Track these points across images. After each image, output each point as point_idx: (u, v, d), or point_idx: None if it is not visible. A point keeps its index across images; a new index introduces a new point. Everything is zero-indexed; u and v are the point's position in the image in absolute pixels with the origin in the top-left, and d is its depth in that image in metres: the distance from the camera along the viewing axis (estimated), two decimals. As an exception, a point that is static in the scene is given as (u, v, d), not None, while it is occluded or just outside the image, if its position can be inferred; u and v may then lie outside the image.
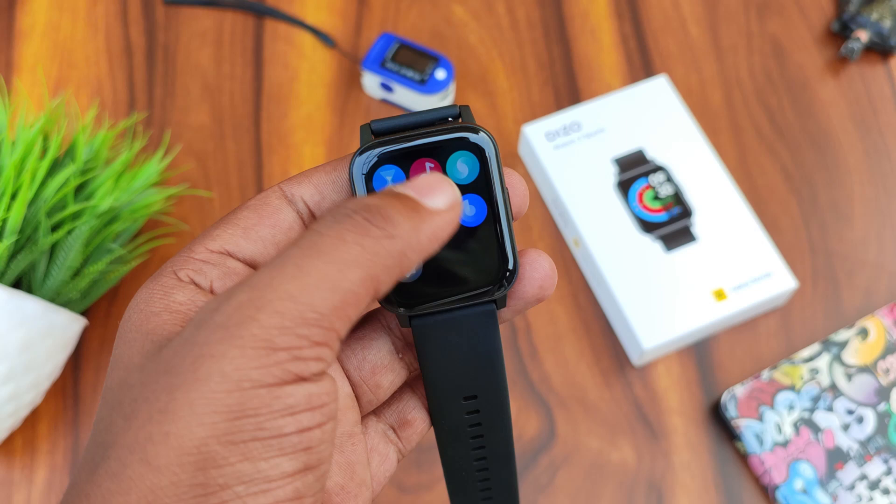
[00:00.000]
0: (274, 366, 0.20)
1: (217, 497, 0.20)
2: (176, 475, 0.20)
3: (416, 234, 0.22)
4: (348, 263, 0.21)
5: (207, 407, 0.20)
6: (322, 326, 0.20)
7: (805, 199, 0.60)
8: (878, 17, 0.64)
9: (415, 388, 0.28)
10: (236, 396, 0.20)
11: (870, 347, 0.54)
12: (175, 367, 0.20)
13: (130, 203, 0.52)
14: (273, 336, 0.20)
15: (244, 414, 0.20)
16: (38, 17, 0.66)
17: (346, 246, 0.21)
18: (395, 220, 0.22)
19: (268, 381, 0.20)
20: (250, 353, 0.20)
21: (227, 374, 0.20)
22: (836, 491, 0.50)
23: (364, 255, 0.21)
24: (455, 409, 0.27)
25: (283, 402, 0.20)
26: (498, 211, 0.25)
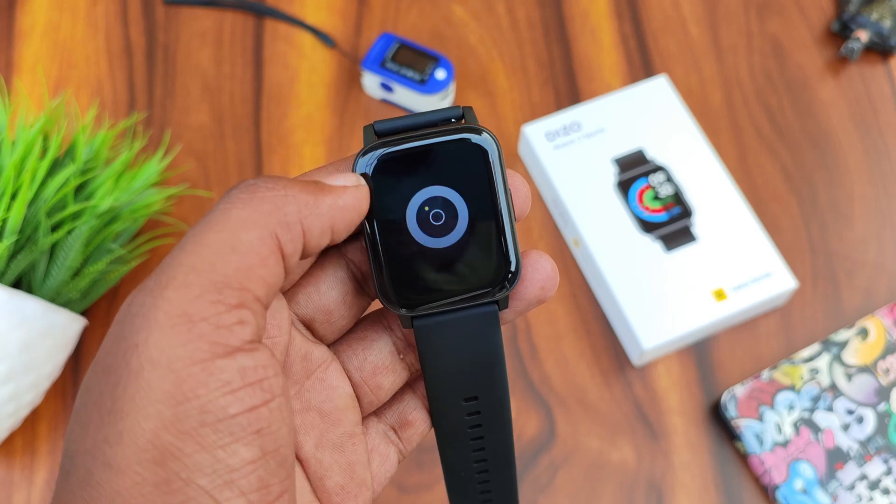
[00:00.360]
0: (197, 339, 0.20)
1: (183, 493, 0.20)
2: (138, 474, 0.19)
3: (314, 199, 0.22)
4: (240, 225, 0.21)
5: (147, 397, 0.19)
6: (233, 287, 0.20)
7: (805, 199, 0.60)
8: (878, 17, 0.64)
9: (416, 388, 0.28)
10: (171, 379, 0.20)
11: (870, 347, 0.54)
12: (110, 366, 0.20)
13: (130, 203, 0.52)
14: (186, 308, 0.20)
15: (184, 397, 0.20)
16: (38, 17, 0.66)
17: (236, 210, 0.21)
18: (288, 184, 0.22)
19: (197, 357, 0.20)
20: (170, 332, 0.20)
21: (155, 360, 0.20)
22: (836, 491, 0.50)
23: (255, 213, 0.21)
24: (456, 411, 0.27)
25: (219, 379, 0.20)
26: (500, 212, 0.25)
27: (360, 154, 0.25)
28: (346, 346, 0.27)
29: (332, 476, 0.26)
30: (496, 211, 0.25)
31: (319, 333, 0.26)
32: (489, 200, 0.25)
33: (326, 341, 0.27)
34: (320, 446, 0.26)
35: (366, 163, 0.25)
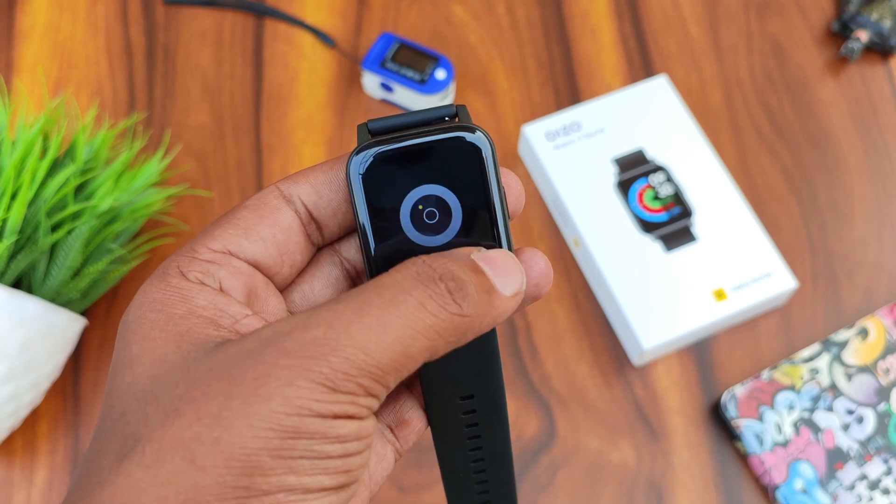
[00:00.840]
0: (333, 404, 0.21)
1: (258, 500, 0.21)
2: (221, 476, 0.20)
3: (481, 318, 0.23)
4: (421, 332, 0.22)
5: (265, 423, 0.20)
6: (380, 382, 0.22)
7: (805, 199, 0.60)
8: (878, 17, 0.64)
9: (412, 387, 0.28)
10: (294, 420, 0.21)
11: (870, 347, 0.54)
12: (233, 377, 0.21)
13: (130, 203, 0.52)
14: (339, 379, 0.21)
15: (299, 435, 0.21)
16: (38, 17, 0.66)
17: (424, 314, 0.22)
18: (471, 299, 0.23)
19: (325, 414, 0.21)
20: (315, 388, 0.21)
21: (289, 399, 0.21)
22: (836, 491, 0.50)
23: (435, 327, 0.22)
24: (452, 409, 0.27)
25: (336, 432, 0.21)
26: (494, 210, 0.25)
27: (353, 152, 0.25)
28: None
29: None
30: (490, 209, 0.25)
31: None
32: (483, 199, 0.25)
33: None
34: None
35: (359, 161, 0.25)
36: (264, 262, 0.25)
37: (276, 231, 0.25)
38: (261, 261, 0.25)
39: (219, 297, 0.24)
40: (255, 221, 0.25)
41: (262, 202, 0.25)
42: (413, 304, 0.22)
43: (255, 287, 0.25)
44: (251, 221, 0.25)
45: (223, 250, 0.24)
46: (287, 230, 0.25)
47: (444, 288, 0.23)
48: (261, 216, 0.25)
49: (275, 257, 0.25)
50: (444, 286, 0.23)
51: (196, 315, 0.23)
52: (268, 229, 0.25)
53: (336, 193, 0.25)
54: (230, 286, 0.24)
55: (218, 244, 0.24)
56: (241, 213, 0.25)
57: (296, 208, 0.25)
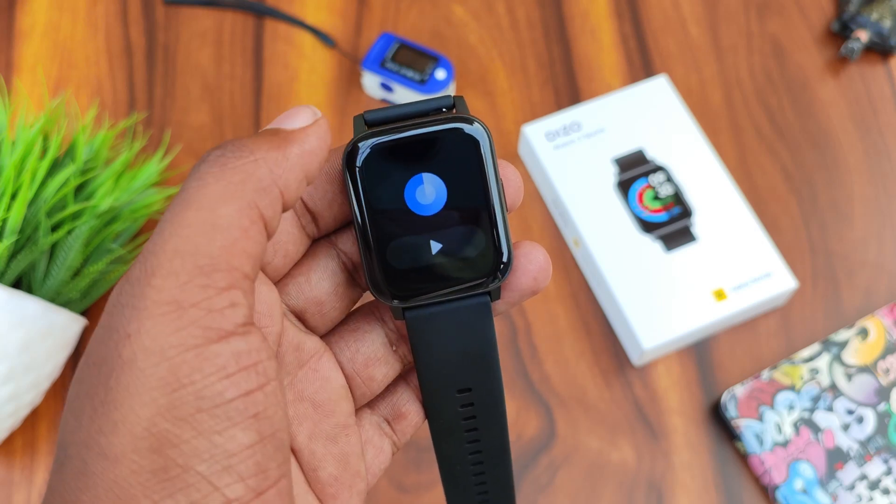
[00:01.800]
0: (189, 325, 0.20)
1: (181, 480, 0.19)
2: (135, 462, 0.19)
3: (282, 153, 0.22)
4: (217, 200, 0.21)
5: (142, 386, 0.19)
6: (220, 269, 0.20)
7: (805, 199, 0.60)
8: (878, 17, 0.64)
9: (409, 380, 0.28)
10: (165, 367, 0.19)
11: (870, 347, 0.54)
12: (103, 357, 0.20)
13: (130, 203, 0.52)
14: (175, 295, 0.20)
15: (179, 384, 0.19)
16: (38, 17, 0.66)
17: (209, 186, 0.21)
18: (254, 146, 0.22)
19: (190, 343, 0.20)
20: (162, 320, 0.20)
21: (148, 348, 0.19)
22: (836, 491, 0.50)
23: (229, 186, 0.21)
24: (449, 403, 0.27)
25: (213, 364, 0.20)
26: (492, 202, 0.25)
27: (350, 144, 0.25)
28: (339, 337, 0.27)
29: (326, 467, 0.26)
30: (488, 201, 0.25)
31: (311, 324, 0.26)
32: (481, 191, 0.25)
33: (318, 332, 0.27)
34: (314, 437, 0.26)
35: (356, 153, 0.24)
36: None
37: None
38: None
39: None
40: None
41: None
42: (193, 190, 0.21)
43: None
44: None
45: None
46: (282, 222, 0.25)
47: (215, 156, 0.21)
48: None
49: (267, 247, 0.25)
50: (215, 154, 0.21)
51: None
52: None
53: (332, 184, 0.25)
54: None
55: None
56: None
57: None
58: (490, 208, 0.25)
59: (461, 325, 0.26)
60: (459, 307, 0.26)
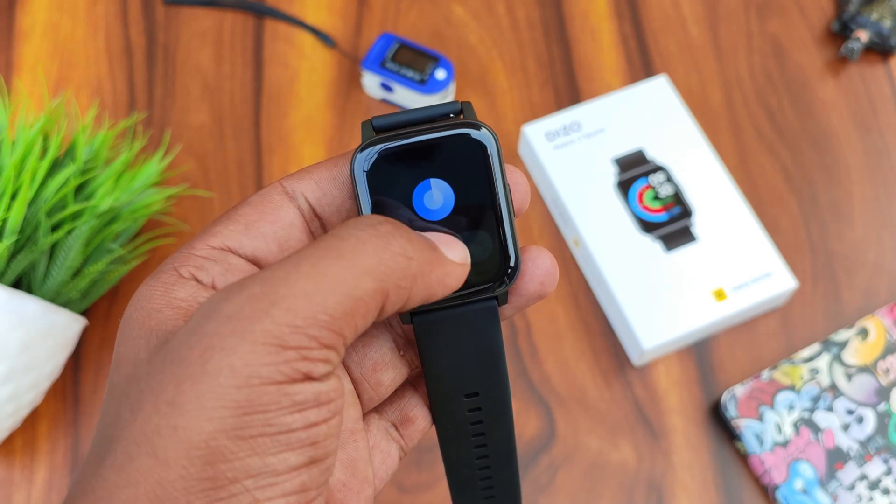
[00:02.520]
0: (283, 364, 0.20)
1: (226, 490, 0.20)
2: (185, 469, 0.20)
3: (430, 268, 0.23)
4: (365, 272, 0.21)
5: (216, 402, 0.20)
6: (332, 329, 0.21)
7: (805, 199, 0.60)
8: (878, 17, 0.64)
9: (416, 385, 0.28)
10: (245, 392, 0.20)
11: (870, 347, 0.54)
12: (182, 358, 0.20)
13: (130, 203, 0.52)
14: (284, 334, 0.20)
15: (253, 410, 0.20)
16: (38, 17, 0.66)
17: (365, 254, 0.21)
18: (415, 245, 0.22)
19: (277, 379, 0.20)
20: (261, 350, 0.20)
21: (236, 370, 0.20)
22: (836, 491, 0.50)
23: (381, 266, 0.21)
24: (456, 407, 0.27)
25: (292, 399, 0.20)
26: (500, 207, 0.25)
27: (358, 149, 0.25)
28: None
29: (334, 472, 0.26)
30: (495, 206, 0.25)
31: None
32: (488, 196, 0.25)
33: None
34: None
35: (364, 158, 0.25)
36: (264, 259, 0.25)
37: (278, 227, 0.25)
38: (260, 257, 0.25)
39: (200, 290, 0.23)
40: (256, 218, 0.25)
41: (265, 199, 0.25)
42: (350, 246, 0.21)
43: None
44: (252, 218, 0.25)
45: (222, 247, 0.24)
46: (289, 227, 0.25)
47: (383, 230, 0.22)
48: (262, 213, 0.25)
49: (275, 254, 0.25)
50: (384, 229, 0.22)
51: (172, 307, 0.23)
52: (269, 226, 0.25)
53: (340, 190, 0.25)
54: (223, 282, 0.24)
55: (217, 241, 0.24)
56: (243, 209, 0.25)
57: (298, 205, 0.25)
58: (497, 213, 0.25)
59: (469, 329, 0.26)
60: (467, 312, 0.26)
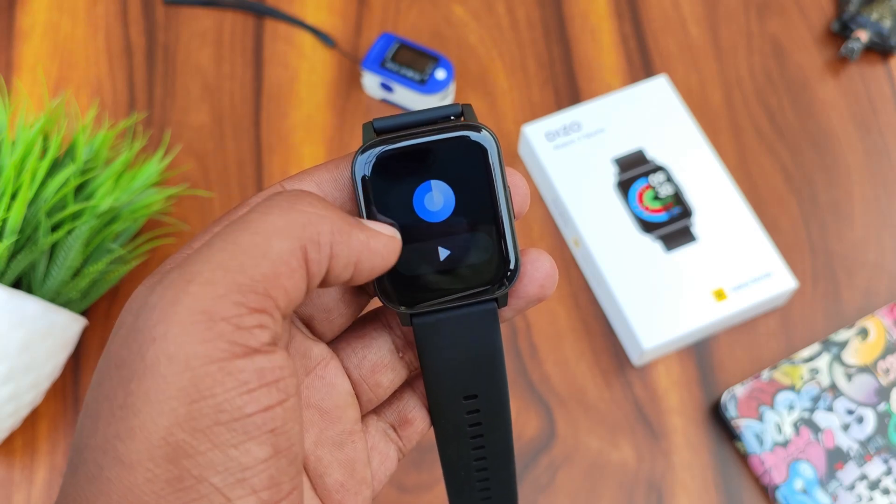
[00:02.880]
0: (217, 338, 0.20)
1: (195, 491, 0.20)
2: (149, 470, 0.19)
3: (347, 227, 0.22)
4: (274, 232, 0.21)
5: (162, 394, 0.19)
6: (257, 292, 0.20)
7: (805, 199, 0.60)
8: (878, 17, 0.64)
9: (415, 387, 0.28)
10: (187, 377, 0.19)
11: (870, 347, 0.54)
12: (123, 359, 0.20)
13: (130, 203, 0.52)
14: (208, 306, 0.20)
15: (200, 395, 0.19)
16: (38, 17, 0.66)
17: (272, 216, 0.21)
18: (326, 205, 0.22)
19: (215, 356, 0.20)
20: (190, 329, 0.20)
21: (172, 355, 0.19)
22: (836, 491, 0.50)
23: (290, 224, 0.21)
24: (455, 409, 0.27)
25: (236, 379, 0.20)
26: (500, 210, 0.25)
27: (359, 151, 0.25)
28: (345, 343, 0.27)
29: (332, 473, 0.26)
30: (495, 209, 0.25)
31: (318, 331, 0.26)
32: (488, 198, 0.25)
33: (325, 339, 0.27)
34: (320, 444, 0.26)
35: (364, 160, 0.25)
36: None
37: None
38: None
39: None
40: None
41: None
42: (258, 215, 0.21)
43: None
44: None
45: None
46: None
47: (288, 195, 0.22)
48: None
49: None
50: (290, 194, 0.22)
51: None
52: None
53: (341, 192, 0.25)
54: None
55: None
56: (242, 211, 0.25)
57: None
58: (497, 215, 0.25)
59: (468, 331, 0.26)
60: (466, 314, 0.26)
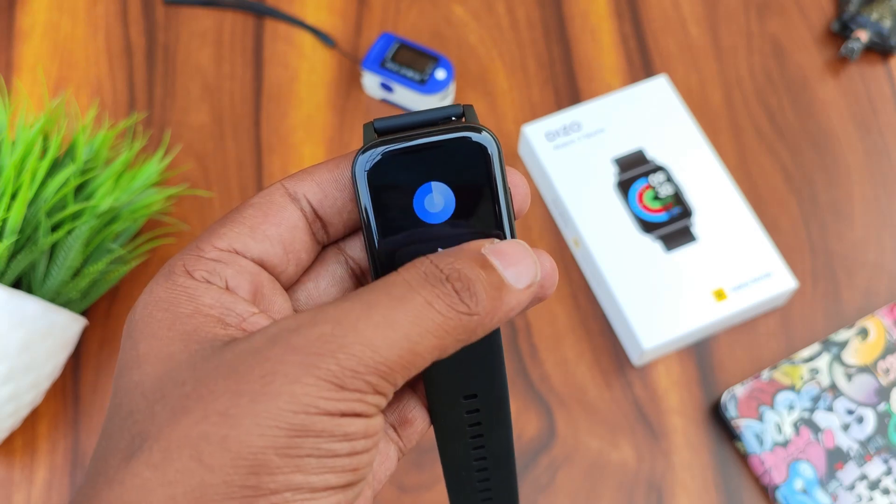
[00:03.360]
0: (341, 401, 0.21)
1: (266, 500, 0.20)
2: (229, 475, 0.20)
3: (492, 315, 0.23)
4: (429, 330, 0.22)
5: (272, 421, 0.20)
6: (388, 379, 0.22)
7: (805, 199, 0.60)
8: (878, 17, 0.64)
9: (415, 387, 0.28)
10: (301, 418, 0.21)
11: (870, 347, 0.54)
12: (241, 375, 0.21)
13: (130, 203, 0.52)
14: (346, 377, 0.21)
15: (306, 434, 0.21)
16: (38, 17, 0.66)
17: (432, 313, 0.22)
18: (480, 297, 0.23)
19: (332, 412, 0.21)
20: (322, 385, 0.21)
21: (297, 397, 0.21)
22: (836, 491, 0.50)
23: (444, 326, 0.22)
24: (455, 409, 0.27)
25: (343, 430, 0.21)
26: (500, 211, 0.25)
27: (359, 152, 0.25)
28: None
29: None
30: (496, 210, 0.25)
31: None
32: (489, 199, 0.25)
33: None
34: None
35: (365, 160, 0.25)
36: (270, 261, 0.25)
37: (282, 229, 0.25)
38: (266, 259, 0.25)
39: (225, 296, 0.24)
40: (261, 220, 0.25)
41: (268, 200, 0.25)
42: (421, 302, 0.22)
43: (260, 286, 0.25)
44: (257, 220, 0.25)
45: (229, 249, 0.24)
46: (292, 228, 0.25)
47: (451, 288, 0.23)
48: (266, 214, 0.25)
49: (280, 256, 0.25)
50: (451, 286, 0.23)
51: (202, 314, 0.23)
52: (273, 228, 0.25)
53: (341, 192, 0.25)
54: (236, 285, 0.24)
55: (224, 243, 0.24)
56: (247, 211, 0.25)
57: (301, 206, 0.25)
58: (498, 216, 0.25)
59: None
60: None
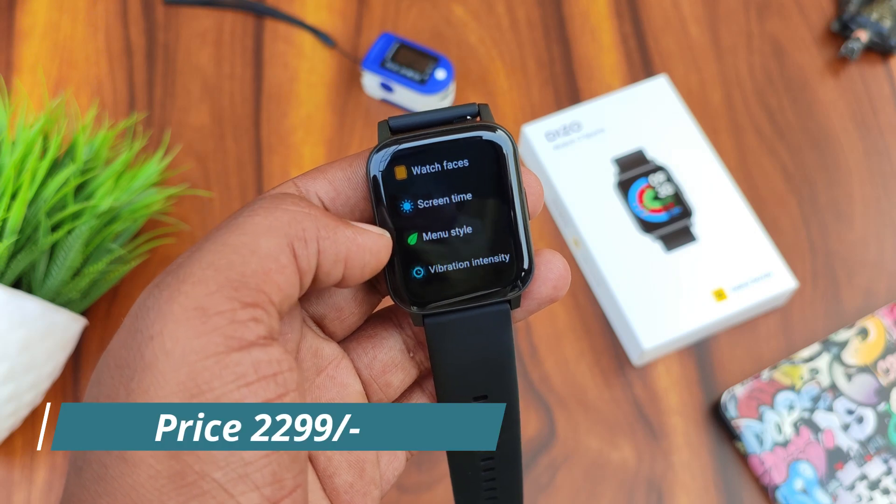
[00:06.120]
0: (212, 332, 0.20)
1: (197, 486, 0.20)
2: (152, 467, 0.20)
3: (333, 226, 0.23)
4: (261, 231, 0.21)
5: (161, 389, 0.20)
6: (248, 287, 0.21)
7: (805, 199, 0.60)
8: (878, 17, 0.64)
9: (424, 387, 0.28)
10: (185, 372, 0.20)
11: (870, 347, 0.54)
12: (124, 359, 0.20)
13: (130, 203, 0.52)
14: (202, 302, 0.20)
15: (199, 390, 0.20)
16: (38, 17, 0.66)
17: (258, 217, 0.22)
18: (312, 205, 0.23)
19: (211, 350, 0.20)
20: (185, 325, 0.20)
21: (169, 351, 0.20)
22: (836, 491, 0.50)
23: (275, 222, 0.22)
24: None
25: (233, 372, 0.20)
26: (514, 210, 0.25)
27: (374, 150, 0.25)
28: (356, 343, 0.27)
29: (341, 474, 0.26)
30: (510, 209, 0.25)
31: (330, 330, 0.27)
32: (503, 199, 0.25)
33: (336, 338, 0.27)
34: None
35: (380, 159, 0.24)
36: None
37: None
38: None
39: None
40: None
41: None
42: (244, 218, 0.22)
43: None
44: None
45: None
46: None
47: (273, 196, 0.23)
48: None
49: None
50: (274, 195, 0.23)
51: None
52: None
53: (354, 191, 0.25)
54: None
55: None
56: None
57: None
58: (512, 216, 0.25)
59: (480, 332, 0.26)
60: (479, 315, 0.26)
